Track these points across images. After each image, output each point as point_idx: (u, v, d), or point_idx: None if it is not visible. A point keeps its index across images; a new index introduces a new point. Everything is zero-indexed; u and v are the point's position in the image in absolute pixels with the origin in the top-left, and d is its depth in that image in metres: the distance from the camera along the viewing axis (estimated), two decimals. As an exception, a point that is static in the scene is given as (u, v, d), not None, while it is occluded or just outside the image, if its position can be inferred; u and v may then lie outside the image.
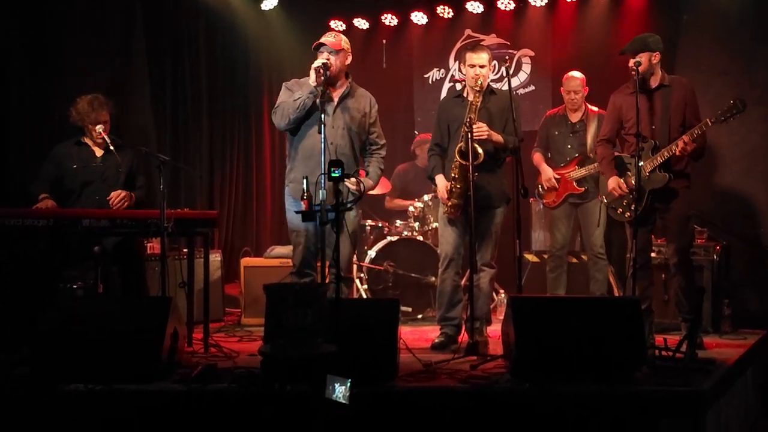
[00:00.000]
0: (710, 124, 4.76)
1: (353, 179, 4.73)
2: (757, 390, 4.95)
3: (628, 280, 4.98)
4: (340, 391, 3.44)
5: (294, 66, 7.85)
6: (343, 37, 4.96)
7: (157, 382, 3.96)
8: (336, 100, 4.92)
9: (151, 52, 7.03)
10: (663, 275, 5.72)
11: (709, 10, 6.60)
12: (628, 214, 5.05)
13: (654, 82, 4.99)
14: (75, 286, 5.35)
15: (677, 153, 4.80)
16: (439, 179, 5.16)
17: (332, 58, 4.80)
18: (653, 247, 5.66)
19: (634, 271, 4.80)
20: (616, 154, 5.21)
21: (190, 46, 7.55)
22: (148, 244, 5.92)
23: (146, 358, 4.01)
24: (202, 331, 5.01)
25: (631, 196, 4.93)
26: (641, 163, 4.86)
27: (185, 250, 5.62)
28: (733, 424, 4.32)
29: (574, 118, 6.21)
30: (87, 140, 5.33)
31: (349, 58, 4.99)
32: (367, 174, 5.06)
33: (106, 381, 3.85)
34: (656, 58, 4.94)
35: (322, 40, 4.86)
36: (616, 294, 6.08)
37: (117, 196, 5.11)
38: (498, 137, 4.96)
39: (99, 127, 5.18)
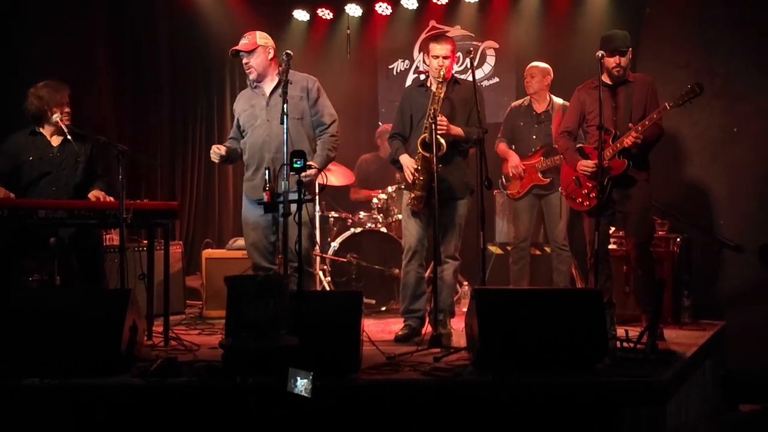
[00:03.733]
0: (668, 107, 4.81)
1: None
2: (716, 380, 5.02)
3: (588, 272, 5.01)
4: (303, 384, 3.42)
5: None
6: (258, 33, 4.95)
7: (115, 376, 3.88)
8: (267, 95, 4.94)
9: (111, 41, 6.92)
10: (624, 267, 5.76)
11: (670, 3, 6.65)
12: (587, 203, 5.07)
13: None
14: (31, 278, 5.24)
15: (634, 135, 4.80)
16: (404, 158, 5.08)
17: (251, 63, 4.89)
18: (614, 239, 5.71)
19: (595, 262, 4.83)
20: (579, 145, 5.23)
21: (152, 37, 7.44)
22: (107, 236, 5.81)
23: (104, 351, 3.93)
24: (162, 324, 4.94)
25: (594, 182, 4.94)
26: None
27: (145, 241, 5.53)
28: (693, 414, 4.38)
29: (539, 108, 6.22)
30: (42, 130, 5.17)
31: (271, 51, 4.97)
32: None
33: (64, 375, 3.78)
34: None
35: (237, 47, 4.91)
36: (579, 286, 6.12)
37: (100, 197, 5.00)
38: (458, 130, 4.93)
39: (56, 116, 5.03)
